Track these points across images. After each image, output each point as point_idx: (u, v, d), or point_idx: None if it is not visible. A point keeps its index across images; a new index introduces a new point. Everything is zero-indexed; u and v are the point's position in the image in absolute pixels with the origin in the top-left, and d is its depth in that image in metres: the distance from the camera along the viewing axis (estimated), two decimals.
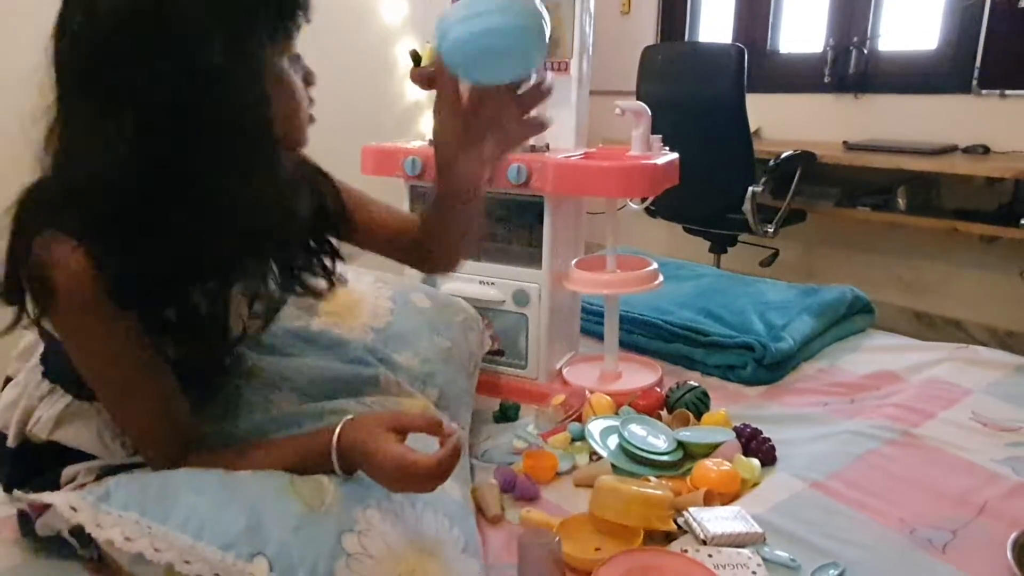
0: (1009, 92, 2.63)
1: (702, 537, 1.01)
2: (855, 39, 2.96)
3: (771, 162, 2.56)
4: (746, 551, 0.98)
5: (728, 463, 1.17)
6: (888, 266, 3.00)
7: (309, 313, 1.21)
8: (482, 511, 1.11)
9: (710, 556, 0.96)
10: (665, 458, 1.22)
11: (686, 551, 0.98)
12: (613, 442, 1.26)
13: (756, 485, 1.17)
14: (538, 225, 1.49)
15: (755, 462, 1.20)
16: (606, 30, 3.40)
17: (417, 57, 1.43)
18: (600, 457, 1.23)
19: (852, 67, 2.97)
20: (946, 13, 2.77)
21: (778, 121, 3.14)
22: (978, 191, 2.60)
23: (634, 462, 1.21)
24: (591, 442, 1.25)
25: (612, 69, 2.78)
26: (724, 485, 1.13)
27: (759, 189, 2.54)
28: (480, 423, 1.41)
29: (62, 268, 0.75)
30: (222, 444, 0.92)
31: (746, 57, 2.52)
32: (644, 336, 1.74)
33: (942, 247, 2.83)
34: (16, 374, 1.00)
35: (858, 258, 3.07)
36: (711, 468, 1.16)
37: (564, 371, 1.60)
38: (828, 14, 3.05)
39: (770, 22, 3.23)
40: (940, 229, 2.61)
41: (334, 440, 0.85)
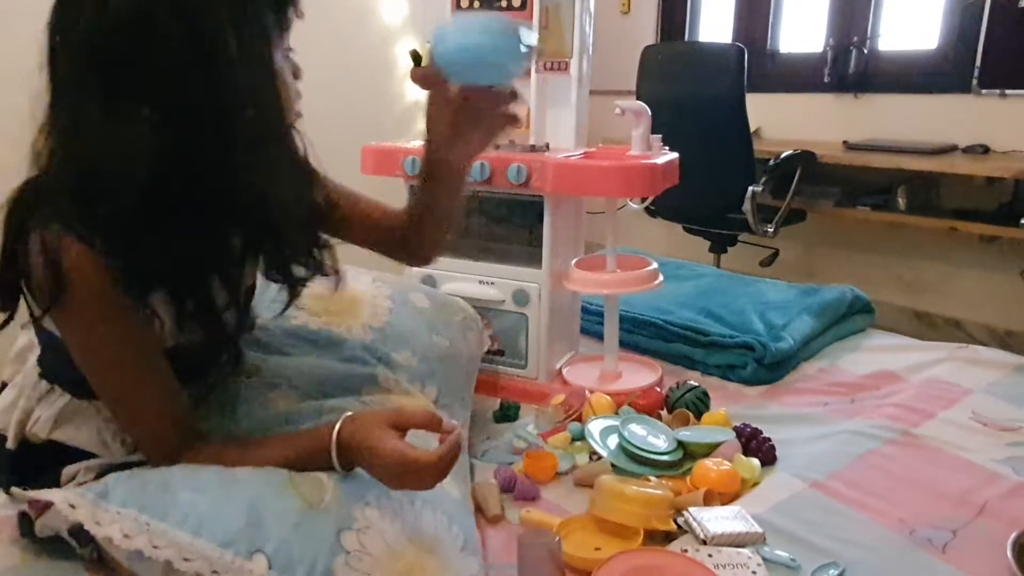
0: (1009, 92, 2.63)
1: (702, 537, 1.00)
2: (855, 39, 2.96)
3: (771, 162, 2.55)
4: (746, 551, 0.98)
5: (728, 463, 1.17)
6: (888, 266, 3.00)
7: (308, 312, 1.21)
8: (482, 511, 1.11)
9: (710, 556, 0.96)
10: (665, 458, 1.22)
11: (686, 551, 0.98)
12: (613, 442, 1.26)
13: (756, 485, 1.17)
14: (538, 225, 1.49)
15: (755, 462, 1.20)
16: (606, 30, 3.40)
17: (417, 57, 1.43)
18: (600, 457, 1.23)
19: (852, 67, 2.96)
20: (946, 13, 2.77)
21: (778, 121, 3.13)
22: (978, 191, 2.60)
23: (634, 462, 1.21)
24: (591, 442, 1.25)
25: (612, 69, 2.78)
26: (724, 485, 1.13)
27: (759, 189, 2.53)
28: (480, 423, 1.41)
29: (72, 261, 0.76)
30: (220, 441, 0.92)
31: (746, 57, 2.52)
32: (644, 336, 1.73)
33: (942, 247, 2.83)
34: (12, 377, 1.00)
35: (858, 258, 3.07)
36: (711, 468, 1.16)
37: (564, 371, 1.60)
38: (828, 14, 3.04)
39: (770, 22, 3.23)
40: (940, 229, 2.61)
41: (334, 436, 0.85)
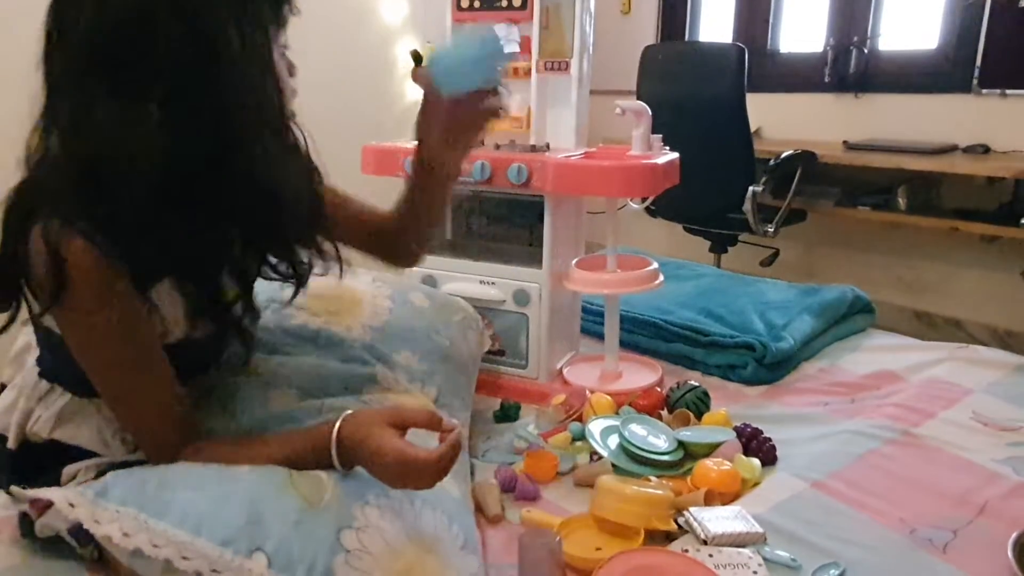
0: (1009, 91, 2.63)
1: (703, 537, 1.00)
2: (855, 39, 2.96)
3: (771, 162, 2.55)
4: (747, 551, 0.98)
5: (728, 463, 1.17)
6: (888, 266, 2.99)
7: (308, 312, 1.21)
8: (482, 511, 1.11)
9: (711, 556, 0.96)
10: (666, 458, 1.22)
11: (687, 551, 0.98)
12: (614, 442, 1.26)
13: (757, 485, 1.17)
14: (538, 225, 1.49)
15: (755, 462, 1.20)
16: (606, 30, 3.40)
17: (418, 57, 1.43)
18: (601, 457, 1.23)
19: (852, 67, 2.97)
20: (946, 12, 2.77)
21: (778, 121, 3.14)
22: (978, 191, 2.60)
23: (635, 462, 1.21)
24: (592, 442, 1.25)
25: (612, 69, 2.77)
26: (725, 485, 1.13)
27: (759, 189, 2.53)
28: (481, 423, 1.41)
29: (74, 256, 0.77)
30: (220, 439, 0.92)
31: (746, 57, 2.52)
32: (644, 336, 1.73)
33: (942, 247, 2.83)
34: (11, 378, 1.00)
35: (858, 258, 3.07)
36: (712, 468, 1.15)
37: (564, 371, 1.60)
38: (828, 14, 3.05)
39: (770, 22, 3.23)
40: (940, 229, 2.61)
41: (333, 434, 0.85)
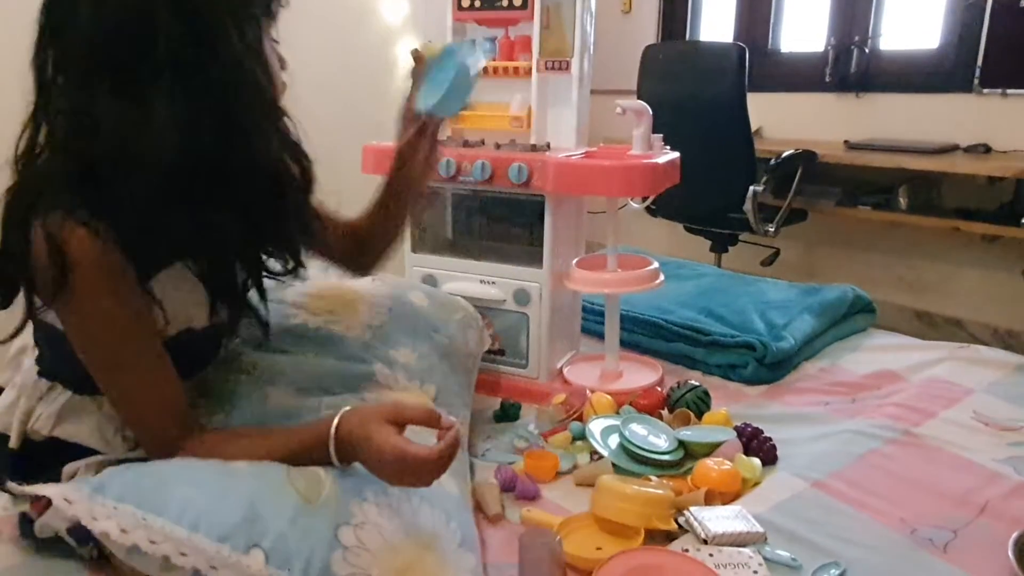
0: (1010, 91, 2.62)
1: (703, 536, 1.00)
2: (856, 38, 2.96)
3: (772, 161, 2.55)
4: (747, 550, 0.98)
5: (729, 462, 1.17)
6: (889, 265, 2.99)
7: (307, 311, 1.21)
8: (482, 510, 1.11)
9: (711, 555, 0.96)
10: (666, 457, 1.22)
11: (687, 550, 0.98)
12: (614, 441, 1.26)
13: (757, 484, 1.17)
14: (539, 224, 1.49)
15: (756, 461, 1.20)
16: (607, 29, 3.40)
17: (418, 56, 1.42)
18: (601, 456, 1.23)
19: (853, 66, 2.96)
20: (947, 12, 2.77)
21: (779, 120, 3.13)
22: (979, 190, 2.59)
23: (635, 461, 1.21)
24: (592, 441, 1.25)
25: (613, 68, 2.77)
26: (725, 484, 1.13)
27: (760, 188, 2.53)
28: (481, 422, 1.41)
29: (77, 246, 0.77)
30: (219, 434, 0.92)
31: (747, 56, 2.52)
32: (645, 335, 1.73)
33: (943, 246, 2.82)
34: (10, 379, 1.00)
35: (859, 257, 3.07)
36: (712, 467, 1.15)
37: (565, 370, 1.59)
38: (829, 13, 3.04)
39: (771, 21, 3.23)
40: (941, 228, 2.61)
41: (332, 430, 0.85)
